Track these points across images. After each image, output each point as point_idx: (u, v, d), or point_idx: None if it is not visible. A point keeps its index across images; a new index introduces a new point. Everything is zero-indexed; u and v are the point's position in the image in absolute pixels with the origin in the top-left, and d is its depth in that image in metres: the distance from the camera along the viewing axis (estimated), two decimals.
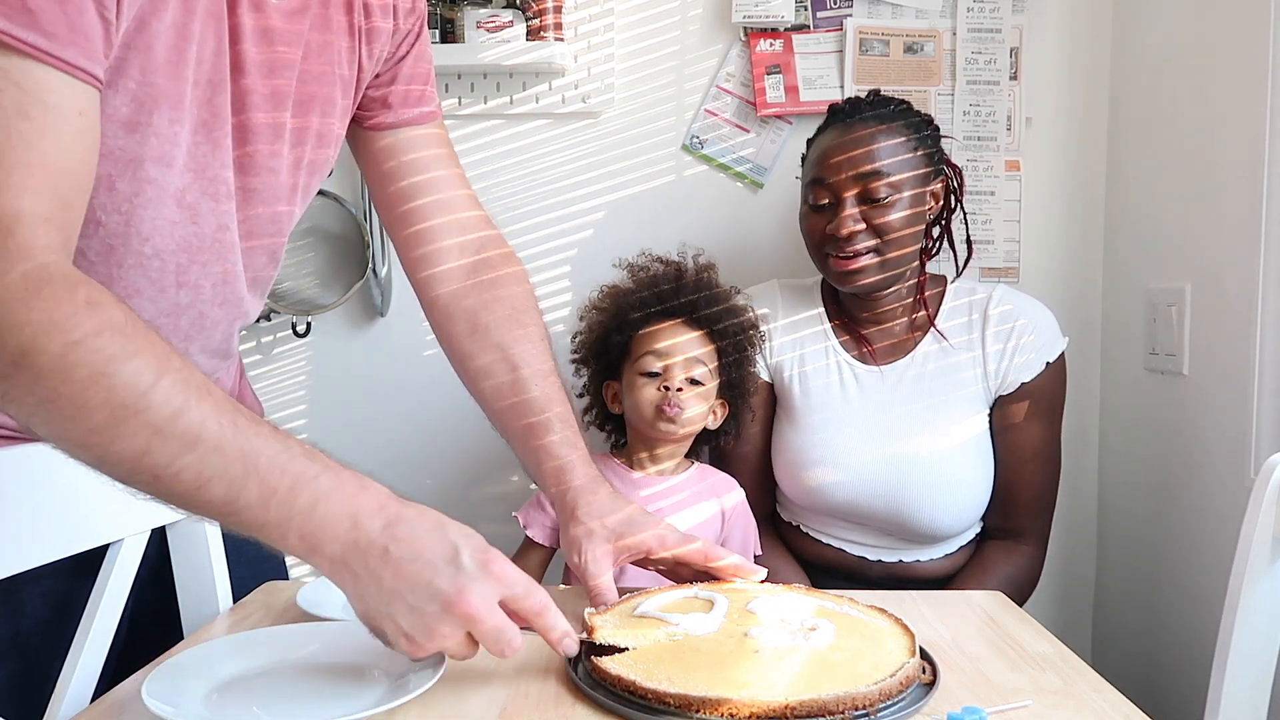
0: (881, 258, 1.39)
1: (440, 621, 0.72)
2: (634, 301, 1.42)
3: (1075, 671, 0.84)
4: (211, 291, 0.93)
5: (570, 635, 0.78)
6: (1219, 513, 1.44)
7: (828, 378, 1.47)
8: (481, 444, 1.84)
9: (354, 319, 1.83)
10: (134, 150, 0.81)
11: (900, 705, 0.74)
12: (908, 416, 1.43)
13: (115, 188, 0.82)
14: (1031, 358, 1.43)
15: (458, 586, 0.71)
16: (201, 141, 0.86)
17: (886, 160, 1.37)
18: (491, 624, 0.72)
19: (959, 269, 1.52)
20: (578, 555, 0.96)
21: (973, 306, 1.47)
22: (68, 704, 0.87)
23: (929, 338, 1.46)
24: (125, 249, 0.85)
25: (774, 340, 1.50)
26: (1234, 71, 1.40)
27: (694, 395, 1.37)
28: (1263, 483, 0.92)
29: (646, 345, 1.39)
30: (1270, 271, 1.32)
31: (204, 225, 0.89)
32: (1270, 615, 0.93)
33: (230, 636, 0.88)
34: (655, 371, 1.38)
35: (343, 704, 0.74)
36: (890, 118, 1.40)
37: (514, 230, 1.81)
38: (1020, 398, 1.43)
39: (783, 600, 0.92)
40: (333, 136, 1.00)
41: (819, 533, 1.49)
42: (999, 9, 1.72)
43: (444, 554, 0.73)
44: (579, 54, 1.76)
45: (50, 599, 0.94)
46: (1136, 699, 0.78)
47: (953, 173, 1.49)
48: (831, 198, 1.40)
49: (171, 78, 0.81)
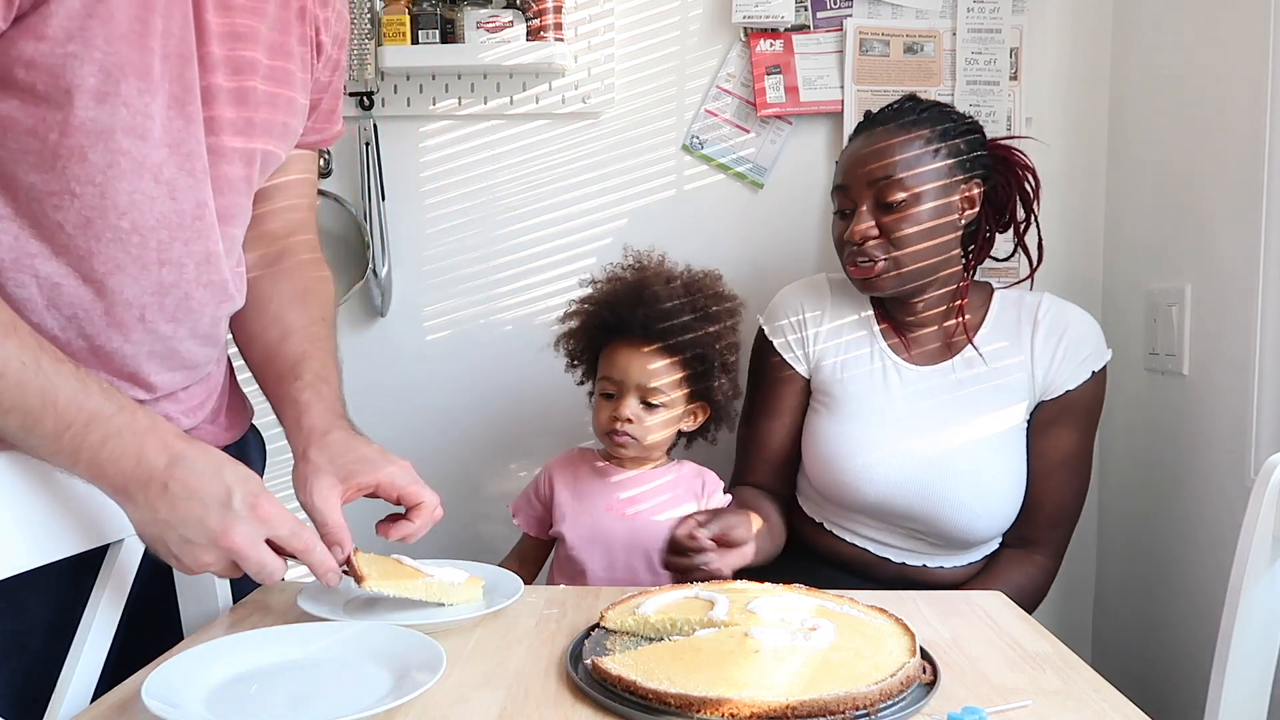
0: (897, 263, 1.38)
1: (206, 552, 0.81)
2: (596, 319, 1.42)
3: (1075, 671, 0.84)
4: (195, 271, 0.94)
5: (334, 571, 0.89)
6: (1219, 513, 1.44)
7: (871, 368, 1.46)
8: (481, 444, 1.84)
9: (354, 319, 1.83)
10: (104, 121, 0.84)
11: (900, 705, 0.74)
12: (949, 416, 1.42)
13: (88, 159, 0.84)
14: (1079, 365, 1.42)
15: (225, 525, 0.80)
16: (175, 116, 0.89)
17: (901, 165, 1.36)
18: (254, 559, 0.82)
19: (1032, 270, 1.50)
20: (304, 493, 0.95)
21: (1021, 312, 1.45)
22: (68, 704, 0.87)
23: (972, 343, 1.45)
24: (102, 222, 0.87)
25: (819, 330, 1.49)
26: (1234, 71, 1.40)
27: (652, 416, 1.37)
28: (1263, 483, 0.92)
29: (604, 367, 1.40)
30: (1270, 271, 1.32)
31: (183, 202, 0.91)
32: (1270, 615, 0.93)
33: (230, 636, 0.88)
34: (610, 393, 1.39)
35: (343, 704, 0.74)
36: (913, 121, 1.39)
37: (514, 230, 1.82)
38: (1062, 405, 1.42)
39: (783, 600, 0.92)
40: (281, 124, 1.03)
41: (843, 529, 1.48)
42: (999, 9, 1.72)
43: (217, 495, 0.81)
44: (579, 54, 1.76)
45: (50, 599, 0.94)
46: (1136, 699, 0.78)
47: (1025, 174, 1.46)
48: (850, 204, 1.41)
49: (137, 47, 0.83)
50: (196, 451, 0.82)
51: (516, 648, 0.90)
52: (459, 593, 1.00)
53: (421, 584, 0.97)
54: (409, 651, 0.82)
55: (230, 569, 0.83)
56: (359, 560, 0.95)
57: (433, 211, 1.82)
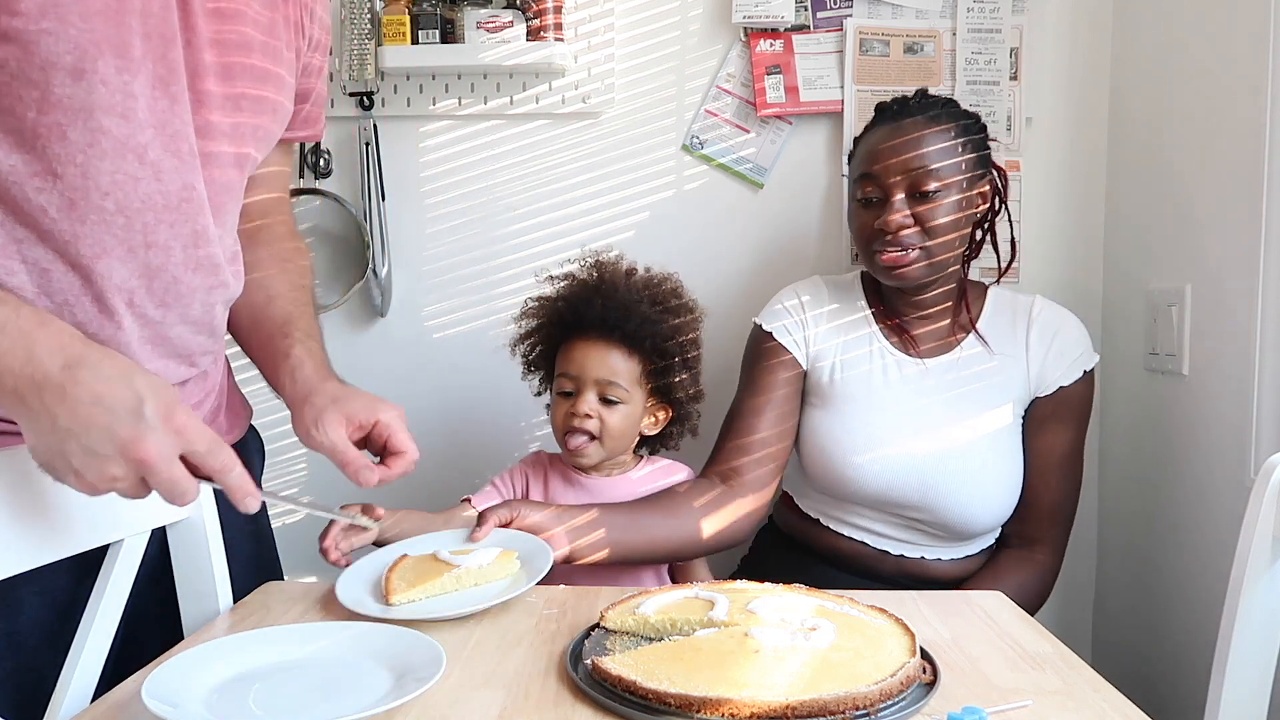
0: (928, 252, 1.39)
1: (112, 465, 0.72)
2: (553, 314, 1.40)
3: (1075, 671, 0.84)
4: (183, 254, 0.94)
5: (253, 495, 0.79)
6: (1219, 513, 1.44)
7: (870, 365, 1.47)
8: (482, 445, 1.84)
9: (354, 319, 1.83)
10: (82, 99, 0.83)
11: (900, 705, 0.74)
12: (947, 409, 1.43)
13: (68, 137, 0.84)
14: (1073, 363, 1.44)
15: (136, 434, 0.72)
16: (159, 96, 0.89)
17: (936, 156, 1.37)
18: (167, 475, 0.73)
19: (1001, 270, 1.53)
20: (316, 431, 0.97)
21: (1015, 311, 1.48)
22: (68, 704, 0.87)
23: (971, 337, 1.46)
24: (86, 204, 0.87)
25: (819, 328, 1.49)
26: (1234, 71, 1.39)
27: (611, 413, 1.35)
28: (1263, 483, 0.92)
29: (562, 364, 1.38)
30: (1270, 271, 1.32)
31: (168, 183, 0.91)
32: (1270, 615, 0.93)
33: (230, 636, 0.88)
34: (569, 391, 1.37)
35: (343, 704, 0.74)
36: (939, 115, 1.40)
37: (514, 230, 1.82)
38: (1056, 401, 1.43)
39: (783, 600, 0.92)
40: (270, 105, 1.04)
41: (841, 523, 1.48)
42: (999, 9, 1.72)
43: (126, 402, 0.72)
44: (579, 54, 1.76)
45: (50, 599, 0.94)
46: (1136, 699, 0.78)
47: (997, 174, 1.48)
48: (880, 193, 1.40)
49: (114, 24, 0.84)
50: (100, 355, 0.75)
51: (516, 648, 0.90)
52: (493, 572, 1.03)
53: (450, 577, 1.00)
54: (409, 651, 0.82)
55: (138, 487, 0.75)
56: (393, 576, 1.00)
57: (433, 211, 1.82)
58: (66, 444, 0.72)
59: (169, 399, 0.74)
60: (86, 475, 0.73)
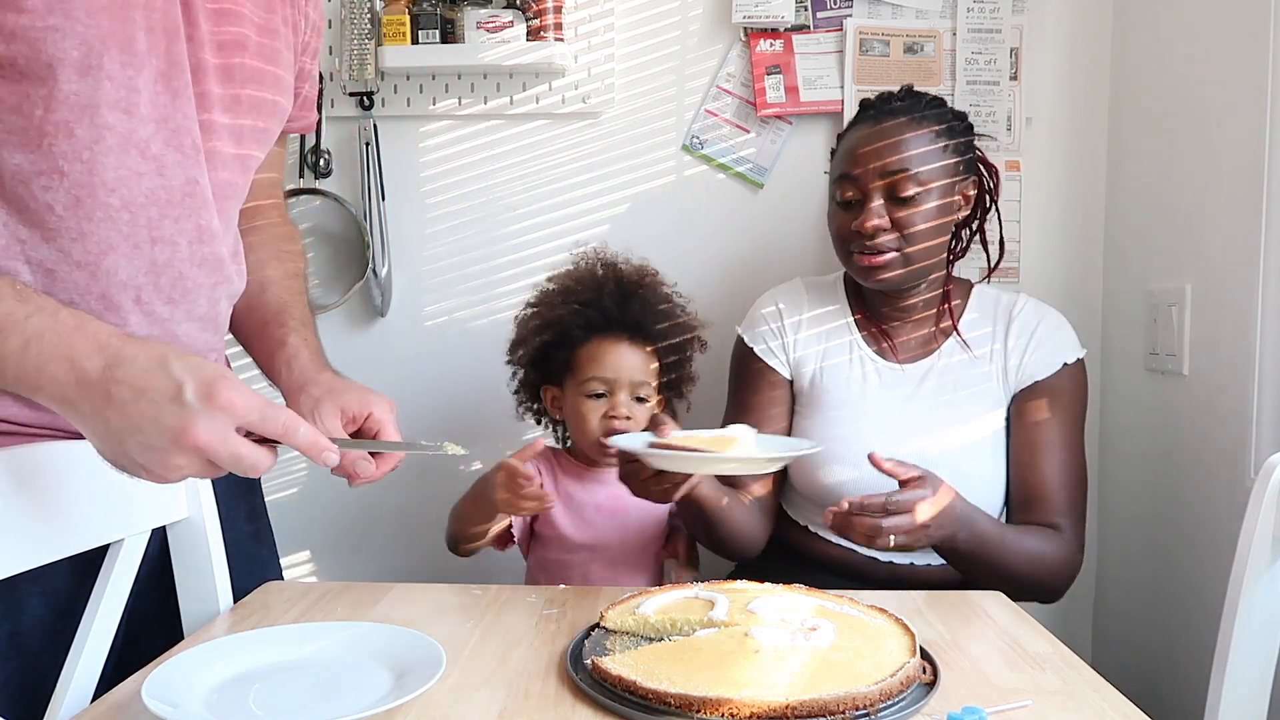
0: (906, 256, 1.38)
1: (173, 455, 0.71)
2: (576, 315, 1.40)
3: (1075, 671, 0.84)
4: (189, 249, 0.94)
5: (330, 449, 0.78)
6: (1219, 513, 1.44)
7: (849, 372, 1.46)
8: (482, 444, 1.84)
9: (354, 319, 1.83)
10: (88, 95, 0.84)
11: (900, 705, 0.74)
12: (928, 414, 1.42)
13: (74, 134, 0.84)
14: (1048, 356, 1.42)
15: (182, 422, 0.70)
16: (162, 91, 0.89)
17: (915, 158, 1.36)
18: (227, 454, 0.72)
19: (990, 270, 1.52)
20: (312, 421, 0.95)
21: (998, 311, 1.46)
22: (68, 704, 0.87)
23: (952, 340, 1.46)
24: (92, 201, 0.87)
25: (798, 335, 1.49)
26: (1234, 71, 1.39)
27: (642, 411, 1.38)
28: (1263, 483, 0.92)
29: (592, 369, 1.38)
30: (1270, 271, 1.32)
31: (171, 178, 0.91)
32: (1270, 615, 0.93)
33: (230, 636, 0.88)
34: (600, 393, 1.38)
35: (343, 704, 0.74)
36: (922, 115, 1.39)
37: (514, 230, 1.82)
38: (1036, 394, 1.41)
39: (783, 600, 0.92)
40: (270, 103, 1.04)
41: (829, 531, 1.47)
42: (999, 9, 1.72)
43: (166, 390, 0.71)
44: (579, 54, 1.76)
45: (50, 599, 0.94)
46: (1136, 699, 0.78)
47: (988, 173, 1.47)
48: (858, 194, 1.39)
49: (118, 20, 0.84)
50: (136, 347, 0.73)
51: (516, 648, 0.90)
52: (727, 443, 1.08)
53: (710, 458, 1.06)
54: (409, 651, 0.82)
55: (207, 468, 0.73)
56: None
57: (433, 211, 1.82)
58: (125, 443, 0.72)
59: (208, 376, 0.72)
60: (154, 469, 0.72)
